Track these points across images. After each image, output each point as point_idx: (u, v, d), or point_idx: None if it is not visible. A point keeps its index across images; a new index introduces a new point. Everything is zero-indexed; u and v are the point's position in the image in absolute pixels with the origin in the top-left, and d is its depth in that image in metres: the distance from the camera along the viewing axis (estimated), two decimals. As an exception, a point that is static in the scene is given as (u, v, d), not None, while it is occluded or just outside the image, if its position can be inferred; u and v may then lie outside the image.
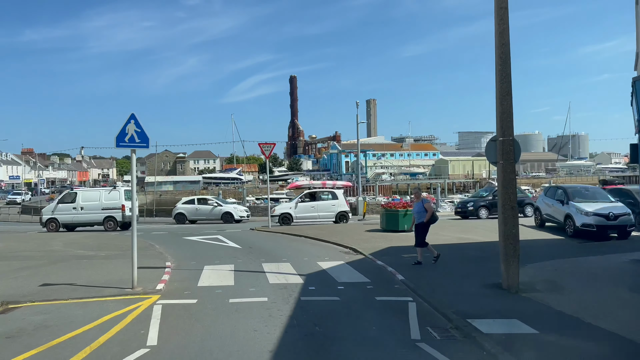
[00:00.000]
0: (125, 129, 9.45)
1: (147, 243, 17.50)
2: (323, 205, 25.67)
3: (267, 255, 14.36)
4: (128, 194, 25.53)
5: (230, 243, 17.53)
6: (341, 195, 26.40)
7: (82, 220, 24.62)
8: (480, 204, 25.93)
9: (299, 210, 25.35)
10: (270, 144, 22.33)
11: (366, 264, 12.84)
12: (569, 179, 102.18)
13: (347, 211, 25.79)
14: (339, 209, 25.46)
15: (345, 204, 25.90)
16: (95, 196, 24.88)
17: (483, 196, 27.10)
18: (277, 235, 20.07)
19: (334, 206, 25.54)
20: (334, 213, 25.41)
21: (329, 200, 25.89)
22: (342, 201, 25.79)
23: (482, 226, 21.03)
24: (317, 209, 25.48)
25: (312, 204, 25.76)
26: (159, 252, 14.96)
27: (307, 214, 25.40)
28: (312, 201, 26.07)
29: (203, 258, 14.05)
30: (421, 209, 12.52)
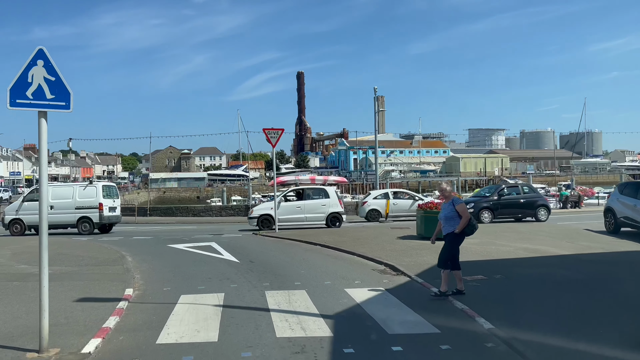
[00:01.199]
0: (26, 75, 5.43)
1: (117, 253, 13.55)
2: (312, 205, 21.56)
3: (273, 275, 10.36)
4: (109, 190, 21.58)
5: (225, 254, 13.53)
6: (333, 193, 22.28)
7: (52, 221, 20.47)
8: (482, 206, 21.95)
9: (283, 211, 21.13)
10: (277, 130, 18.26)
11: (417, 292, 8.82)
12: (583, 177, 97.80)
13: (341, 212, 21.72)
14: (331, 210, 21.46)
15: (339, 204, 21.86)
16: (68, 193, 20.84)
17: (486, 196, 23.10)
18: (285, 243, 16.05)
19: (325, 206, 21.50)
20: (324, 215, 21.43)
21: (318, 199, 21.82)
22: (334, 200, 21.70)
23: (529, 231, 16.92)
24: (304, 210, 21.38)
25: (299, 204, 21.71)
26: (126, 270, 10.98)
27: (292, 215, 21.38)
28: (299, 200, 21.97)
29: (183, 279, 10.08)
30: (452, 213, 8.50)
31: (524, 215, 22.25)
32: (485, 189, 26.38)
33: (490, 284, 9.17)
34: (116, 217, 21.91)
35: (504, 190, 22.86)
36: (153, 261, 12.65)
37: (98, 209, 20.37)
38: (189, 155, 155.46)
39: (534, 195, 22.95)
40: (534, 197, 22.69)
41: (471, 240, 14.62)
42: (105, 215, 20.61)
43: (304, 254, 13.52)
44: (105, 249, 14.62)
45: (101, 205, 20.37)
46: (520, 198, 22.30)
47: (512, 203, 22.08)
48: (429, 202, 15.02)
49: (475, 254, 12.35)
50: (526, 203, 22.19)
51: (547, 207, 22.80)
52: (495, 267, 10.71)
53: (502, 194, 22.35)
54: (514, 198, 22.35)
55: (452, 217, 8.50)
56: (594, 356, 5.34)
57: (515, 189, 23.67)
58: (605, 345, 5.57)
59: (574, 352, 5.49)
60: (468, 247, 13.06)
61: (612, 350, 5.42)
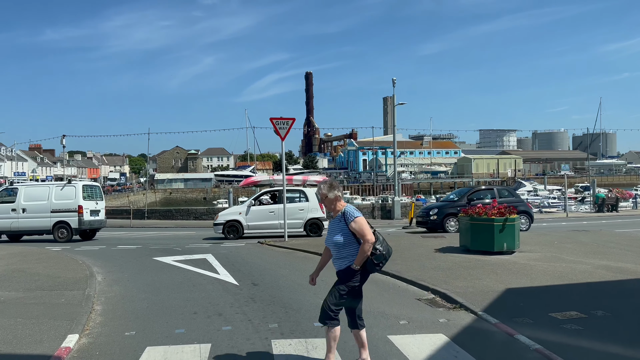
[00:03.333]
0: None
1: (87, 270, 10.75)
2: (287, 209, 18.22)
3: (282, 308, 7.50)
4: (90, 191, 18.79)
5: (222, 272, 10.69)
6: (313, 195, 18.83)
7: (25, 226, 17.90)
8: (448, 212, 18.80)
9: (253, 217, 18.47)
10: (286, 119, 15.36)
11: (497, 343, 5.93)
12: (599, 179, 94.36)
13: (322, 218, 18.64)
14: (310, 215, 18.53)
15: (320, 208, 18.67)
16: (43, 194, 17.97)
17: (453, 200, 19.82)
18: (296, 256, 13.19)
19: (303, 211, 18.60)
20: (302, 221, 18.51)
21: (296, 203, 18.93)
22: (314, 204, 18.60)
23: (594, 241, 13.97)
24: (278, 215, 18.20)
25: (272, 208, 18.72)
26: (86, 297, 8.17)
27: (263, 221, 18.52)
28: (273, 204, 19.05)
29: (159, 314, 7.25)
30: (345, 236, 5.01)
31: None
32: (454, 193, 22.49)
33: (596, 327, 6.29)
34: (99, 221, 19.04)
35: (475, 193, 19.47)
36: (128, 283, 9.83)
37: (77, 213, 17.59)
38: (195, 156, 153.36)
39: (513, 201, 18.61)
40: (512, 203, 17.71)
41: (531, 255, 11.73)
42: (85, 219, 17.81)
43: (322, 272, 10.59)
44: (75, 263, 11.84)
45: (81, 208, 17.58)
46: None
47: None
48: (476, 207, 12.09)
49: (546, 275, 9.45)
50: None
51: (529, 215, 19.30)
52: (584, 297, 7.82)
53: (472, 198, 18.90)
54: (487, 204, 18.68)
55: (346, 242, 4.99)
56: None
57: (489, 192, 19.86)
58: None
59: None
60: (533, 266, 10.18)
61: None
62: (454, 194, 21.27)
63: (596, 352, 5.42)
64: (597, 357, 5.30)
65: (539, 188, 61.99)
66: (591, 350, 5.49)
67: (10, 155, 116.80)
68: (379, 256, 4.95)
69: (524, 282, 8.87)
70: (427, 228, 19.20)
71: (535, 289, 8.40)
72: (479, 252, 11.70)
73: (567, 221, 25.12)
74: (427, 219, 19.23)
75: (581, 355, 5.34)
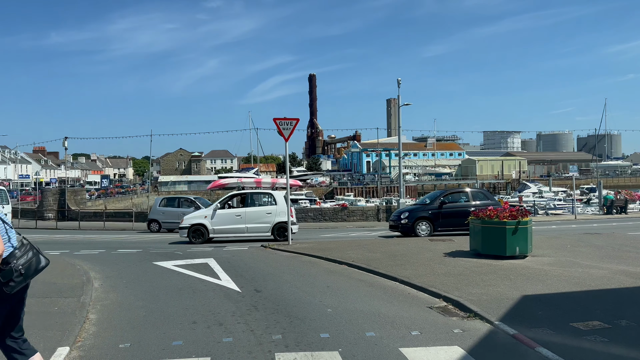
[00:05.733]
0: None
1: (84, 276, 10.38)
2: (254, 213, 18.12)
3: (287, 317, 7.09)
4: None
5: (224, 278, 10.29)
6: (282, 199, 18.35)
7: None
8: (419, 215, 18.13)
9: (219, 221, 17.99)
10: (290, 120, 14.95)
11: (518, 357, 5.51)
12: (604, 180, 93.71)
13: (291, 222, 17.77)
14: (278, 219, 17.96)
15: (288, 212, 17.76)
16: None
17: (425, 203, 19.07)
18: (301, 261, 12.78)
19: (270, 215, 18.08)
20: (269, 225, 18.01)
21: (264, 207, 18.42)
22: (282, 207, 18.03)
23: (608, 245, 13.53)
24: (245, 219, 17.98)
25: (239, 212, 18.27)
26: (81, 305, 7.79)
27: (230, 225, 18.05)
28: (241, 207, 18.57)
29: (156, 324, 6.86)
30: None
31: None
32: (427, 195, 21.62)
33: (622, 339, 5.86)
34: None
35: (448, 196, 18.83)
36: (125, 289, 9.45)
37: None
38: (199, 158, 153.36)
39: (488, 204, 17.48)
40: (487, 206, 17.30)
41: (545, 259, 11.29)
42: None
43: (327, 278, 10.24)
44: (72, 268, 11.47)
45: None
46: (468, 207, 17.58)
47: (458, 212, 17.62)
48: (487, 209, 11.66)
49: (562, 280, 9.02)
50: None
51: None
52: (605, 305, 7.40)
53: (444, 201, 18.33)
54: (460, 206, 18.11)
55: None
56: None
57: (463, 195, 19.36)
58: None
59: None
60: (547, 271, 9.75)
61: None
62: (427, 197, 20.47)
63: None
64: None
65: (544, 190, 61.45)
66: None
67: (13, 157, 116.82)
68: (6, 273, 3.99)
69: (540, 288, 8.44)
70: (400, 232, 18.53)
71: (552, 296, 7.98)
72: (490, 257, 11.27)
73: (577, 223, 24.65)
74: (399, 223, 18.53)
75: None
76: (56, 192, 38.75)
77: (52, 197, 38.01)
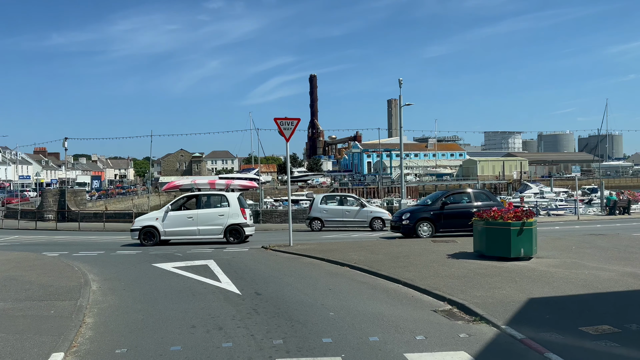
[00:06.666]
0: None
1: (82, 278, 10.23)
2: (206, 214, 17.91)
3: (288, 321, 6.93)
4: None
5: (224, 280, 10.13)
6: (235, 200, 18.13)
7: None
8: (421, 216, 17.86)
9: (170, 223, 17.81)
10: (291, 120, 14.79)
11: None
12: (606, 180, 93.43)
13: (243, 224, 17.93)
14: (231, 221, 17.83)
15: (241, 214, 17.98)
16: None
17: (427, 204, 18.79)
18: (302, 262, 12.60)
19: (223, 216, 17.90)
20: (221, 227, 17.86)
21: (216, 208, 18.15)
22: (235, 209, 17.87)
23: (613, 246, 13.34)
24: (197, 221, 17.80)
25: (191, 214, 18.10)
26: (77, 309, 7.63)
27: (181, 227, 17.87)
28: (194, 209, 18.33)
29: (154, 328, 6.69)
30: None
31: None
32: (429, 196, 21.31)
33: (633, 344, 5.70)
34: None
35: (450, 197, 18.56)
36: (124, 292, 9.29)
37: None
38: (200, 159, 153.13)
39: (490, 204, 17.16)
40: (489, 207, 16.94)
41: (550, 261, 11.11)
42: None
43: (329, 280, 10.07)
44: (70, 270, 11.32)
45: None
46: (470, 207, 17.45)
47: (460, 213, 17.52)
48: (491, 210, 11.49)
49: (568, 283, 8.84)
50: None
51: None
52: (614, 309, 7.23)
53: (446, 202, 18.06)
54: (462, 207, 17.93)
55: None
56: None
57: (464, 195, 19.04)
58: None
59: None
60: (553, 273, 9.58)
61: None
62: (429, 198, 20.16)
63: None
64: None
65: (546, 190, 61.22)
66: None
67: (13, 158, 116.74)
68: None
69: (547, 291, 8.27)
70: (401, 233, 18.31)
71: (559, 299, 7.81)
72: (494, 258, 11.10)
73: (580, 224, 24.47)
74: (400, 224, 18.28)
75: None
76: (56, 193, 38.60)
77: (52, 198, 37.86)
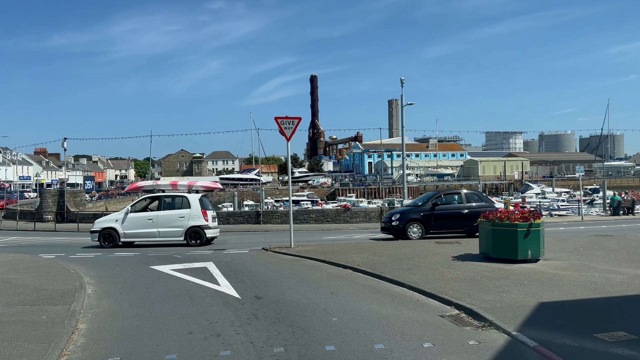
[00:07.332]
0: None
1: (77, 281, 9.94)
2: (167, 216, 17.56)
3: (289, 327, 6.64)
4: None
5: (223, 283, 9.85)
6: (196, 202, 17.76)
7: None
8: (410, 217, 17.48)
9: (130, 224, 17.59)
10: (292, 119, 14.52)
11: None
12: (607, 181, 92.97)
13: (204, 226, 17.56)
14: (191, 223, 17.50)
15: (202, 216, 17.61)
16: None
17: (418, 205, 18.43)
18: (303, 265, 12.32)
19: (183, 218, 17.56)
20: (181, 229, 17.51)
21: (176, 210, 17.75)
22: (196, 211, 17.55)
23: (622, 247, 13.05)
24: (157, 223, 17.48)
25: (151, 215, 17.76)
26: (70, 314, 7.36)
27: (141, 229, 17.64)
28: (154, 210, 17.99)
29: (150, 334, 6.41)
30: None
31: (469, 230, 17.06)
32: (419, 198, 20.93)
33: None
34: None
35: (441, 198, 18.19)
36: (120, 295, 9.02)
37: None
38: (201, 159, 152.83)
39: (483, 206, 17.33)
40: (481, 208, 16.85)
41: (558, 263, 10.82)
42: None
43: (331, 283, 9.79)
44: (66, 273, 11.03)
45: None
46: (462, 208, 17.46)
47: (452, 214, 17.46)
48: (497, 211, 11.21)
49: (579, 286, 8.55)
50: (471, 214, 16.88)
51: None
52: (628, 314, 6.97)
53: (437, 203, 17.69)
54: (453, 208, 17.72)
55: None
56: None
57: (456, 196, 18.63)
58: None
59: None
60: (562, 276, 9.30)
61: None
62: (420, 199, 19.80)
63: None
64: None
65: (547, 190, 60.92)
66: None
67: (13, 159, 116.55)
68: None
69: (557, 295, 7.99)
70: (391, 234, 17.95)
71: (570, 304, 7.53)
72: (501, 260, 10.82)
73: (584, 225, 24.18)
74: (390, 225, 17.90)
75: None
76: (55, 194, 38.31)
77: (51, 198, 37.58)
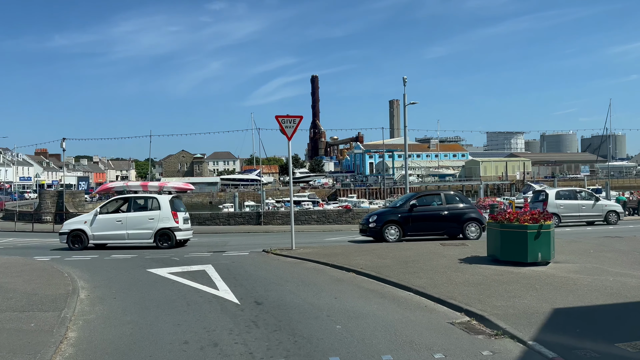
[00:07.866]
0: None
1: (70, 285, 9.57)
2: (136, 218, 17.23)
3: (291, 336, 6.26)
4: None
5: (222, 287, 9.47)
6: (166, 203, 17.38)
7: None
8: (388, 219, 17.07)
9: (99, 226, 17.28)
10: (293, 117, 14.16)
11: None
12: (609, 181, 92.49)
13: (174, 228, 17.21)
14: (161, 225, 17.15)
15: (172, 217, 17.25)
16: None
17: (396, 207, 18.08)
18: (305, 267, 11.94)
19: (153, 220, 17.23)
20: (151, 231, 17.17)
21: (146, 212, 17.46)
22: (166, 213, 17.22)
23: (633, 249, 12.66)
24: (126, 225, 17.16)
25: (120, 217, 17.43)
26: (60, 321, 6.98)
27: (110, 231, 17.33)
28: (124, 212, 17.67)
29: (143, 345, 6.03)
30: None
31: (448, 232, 17.23)
32: (399, 199, 20.42)
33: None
34: None
35: (422, 199, 17.80)
36: (114, 300, 8.64)
37: None
38: (201, 160, 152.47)
39: (463, 207, 17.41)
40: (462, 209, 17.13)
41: (569, 266, 10.44)
42: None
43: (334, 287, 9.41)
44: (59, 277, 10.67)
45: None
46: (441, 210, 17.18)
47: (430, 216, 17.13)
48: (506, 212, 10.84)
49: (594, 291, 8.16)
50: (450, 216, 17.05)
51: (480, 222, 17.15)
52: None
53: (415, 204, 17.31)
54: (432, 210, 17.33)
55: None
56: None
57: (435, 197, 18.28)
58: None
59: None
60: (575, 280, 8.90)
61: None
62: (400, 200, 19.40)
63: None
64: None
65: (550, 191, 60.30)
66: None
67: (13, 159, 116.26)
68: None
69: (571, 300, 7.61)
70: (370, 236, 17.52)
71: (587, 310, 7.15)
72: (510, 263, 10.43)
73: (591, 226, 23.76)
74: (367, 227, 17.49)
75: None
76: (54, 195, 38.01)
77: (50, 199, 37.27)
